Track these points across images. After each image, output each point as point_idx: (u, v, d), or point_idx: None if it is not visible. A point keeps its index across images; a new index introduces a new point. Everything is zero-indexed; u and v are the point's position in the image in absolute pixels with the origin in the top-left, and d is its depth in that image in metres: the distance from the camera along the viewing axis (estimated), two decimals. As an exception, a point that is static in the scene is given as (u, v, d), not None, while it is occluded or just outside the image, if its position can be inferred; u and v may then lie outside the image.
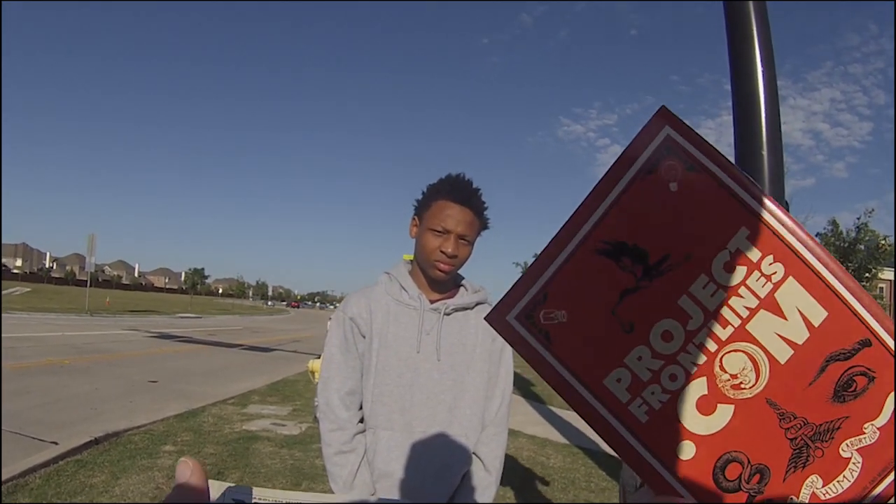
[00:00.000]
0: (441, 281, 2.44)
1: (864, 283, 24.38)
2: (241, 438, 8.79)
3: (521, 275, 0.92)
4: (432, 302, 2.45)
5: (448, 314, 2.44)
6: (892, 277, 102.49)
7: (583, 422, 0.88)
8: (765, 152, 4.72)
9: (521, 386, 17.08)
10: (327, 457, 2.35)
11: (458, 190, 2.36)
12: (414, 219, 2.47)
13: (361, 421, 2.40)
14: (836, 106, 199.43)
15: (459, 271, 2.49)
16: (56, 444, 7.63)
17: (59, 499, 5.89)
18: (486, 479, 2.42)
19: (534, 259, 1.01)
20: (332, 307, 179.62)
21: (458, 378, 2.41)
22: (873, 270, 24.01)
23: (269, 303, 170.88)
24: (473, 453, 2.43)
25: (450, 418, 2.37)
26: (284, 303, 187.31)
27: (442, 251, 2.33)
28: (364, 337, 2.41)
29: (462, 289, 2.55)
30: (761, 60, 4.82)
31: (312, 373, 9.46)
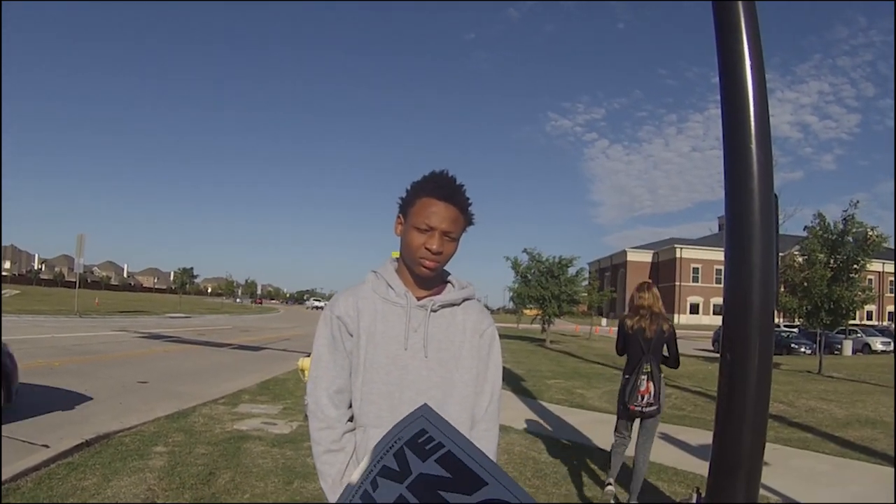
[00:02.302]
0: (427, 278, 2.45)
1: (853, 275, 24.45)
2: (232, 438, 8.79)
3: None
4: (419, 299, 2.46)
5: (435, 311, 2.45)
6: (880, 269, 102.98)
7: (574, 417, 0.90)
8: (753, 146, 4.73)
9: (512, 381, 17.12)
10: (317, 455, 2.38)
11: (442, 186, 2.37)
12: (398, 217, 2.48)
13: (351, 419, 2.43)
14: (824, 98, 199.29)
15: (446, 268, 2.50)
16: (47, 447, 7.62)
17: (51, 502, 5.88)
18: None
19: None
20: (306, 305, 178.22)
21: (447, 375, 2.43)
22: (862, 262, 24.06)
23: (237, 300, 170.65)
24: None
25: None
26: (250, 300, 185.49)
27: (427, 248, 2.34)
28: (352, 335, 2.42)
29: (449, 285, 2.56)
30: (749, 54, 4.84)
31: (302, 371, 9.47)
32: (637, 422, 6.89)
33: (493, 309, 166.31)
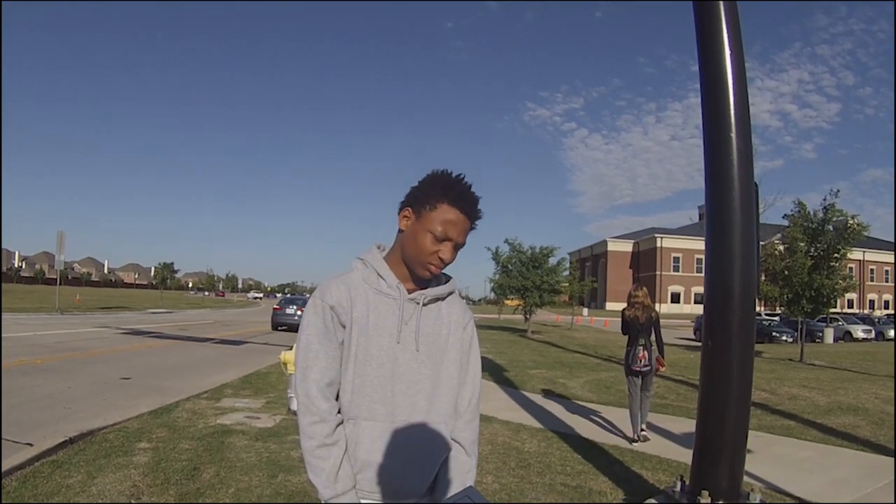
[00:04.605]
0: (424, 279, 2.45)
1: (833, 264, 24.56)
2: (215, 433, 8.77)
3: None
4: (409, 292, 2.44)
5: (425, 304, 2.45)
6: (860, 257, 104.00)
7: (556, 407, 0.90)
8: (733, 134, 4.73)
9: (495, 372, 17.11)
10: (309, 450, 2.30)
11: (467, 201, 2.37)
12: (407, 209, 2.44)
13: (340, 411, 2.37)
14: (803, 87, 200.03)
15: None
16: (31, 445, 7.58)
17: (36, 500, 5.85)
18: (468, 463, 2.46)
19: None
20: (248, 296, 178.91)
21: (435, 367, 2.43)
22: (842, 250, 24.16)
23: (206, 293, 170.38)
24: (453, 439, 2.45)
25: (428, 407, 2.39)
26: (215, 293, 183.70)
27: (440, 257, 2.35)
28: (344, 326, 2.38)
29: (434, 278, 2.54)
30: (729, 43, 4.84)
31: (285, 364, 9.46)
32: (640, 380, 9.62)
33: (475, 300, 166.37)
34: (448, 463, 2.43)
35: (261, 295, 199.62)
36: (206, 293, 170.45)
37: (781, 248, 26.31)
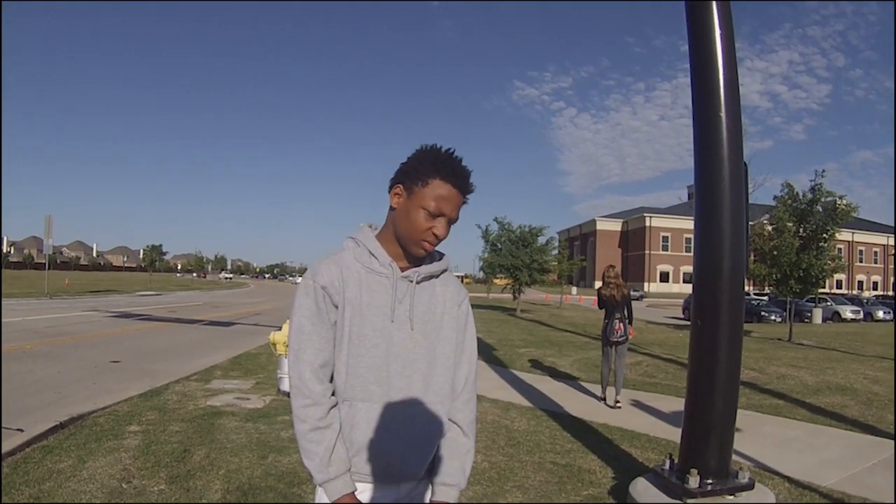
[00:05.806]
0: (419, 257, 2.43)
1: (822, 244, 24.59)
2: (205, 414, 8.80)
3: None
4: (402, 269, 2.41)
5: (419, 282, 2.42)
6: (850, 238, 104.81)
7: (546, 385, 0.89)
8: (723, 114, 4.73)
9: (484, 351, 17.19)
10: (301, 433, 2.27)
11: (459, 176, 2.34)
12: (398, 186, 2.40)
13: (333, 394, 2.35)
14: (794, 68, 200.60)
15: None
16: (21, 430, 7.56)
17: (28, 486, 5.84)
18: (466, 444, 2.46)
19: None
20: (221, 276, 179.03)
21: (430, 346, 2.40)
22: (830, 231, 24.18)
23: (194, 275, 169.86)
24: (450, 419, 2.45)
25: (424, 387, 2.36)
26: (196, 274, 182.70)
27: (434, 233, 2.33)
28: (336, 306, 2.34)
29: (428, 256, 2.50)
30: (719, 23, 4.83)
31: (274, 345, 9.47)
32: (614, 349, 11.06)
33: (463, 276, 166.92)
34: (446, 444, 2.43)
35: (231, 275, 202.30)
36: (195, 275, 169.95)
37: (770, 228, 26.34)
